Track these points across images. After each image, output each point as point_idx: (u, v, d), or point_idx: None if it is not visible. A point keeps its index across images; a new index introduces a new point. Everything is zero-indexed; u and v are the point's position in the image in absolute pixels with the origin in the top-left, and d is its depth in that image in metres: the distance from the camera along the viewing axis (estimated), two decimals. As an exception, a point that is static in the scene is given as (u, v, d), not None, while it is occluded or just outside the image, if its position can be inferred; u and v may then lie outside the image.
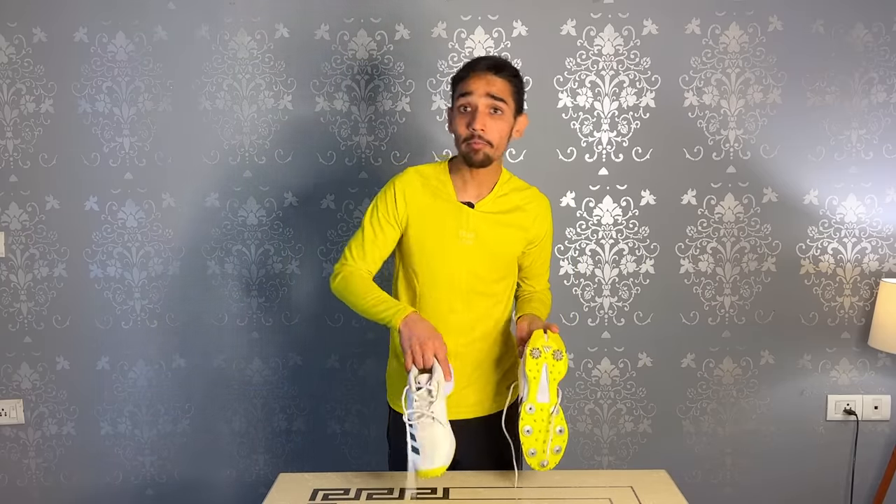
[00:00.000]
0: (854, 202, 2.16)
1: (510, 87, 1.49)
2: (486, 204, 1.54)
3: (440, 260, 1.53)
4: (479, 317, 1.56)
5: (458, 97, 1.50)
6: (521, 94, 1.53)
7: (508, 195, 1.56)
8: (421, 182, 1.56)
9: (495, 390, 1.60)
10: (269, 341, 2.26)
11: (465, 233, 1.52)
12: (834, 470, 2.26)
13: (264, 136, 2.18)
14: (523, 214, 1.57)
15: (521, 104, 1.54)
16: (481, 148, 1.46)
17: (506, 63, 1.51)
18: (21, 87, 2.17)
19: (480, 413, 1.58)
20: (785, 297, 2.20)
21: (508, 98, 1.48)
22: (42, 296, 2.24)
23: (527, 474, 1.54)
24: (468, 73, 1.48)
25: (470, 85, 1.47)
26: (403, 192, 1.54)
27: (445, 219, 1.53)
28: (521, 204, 1.57)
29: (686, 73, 2.13)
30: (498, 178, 1.57)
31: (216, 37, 2.14)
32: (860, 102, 2.13)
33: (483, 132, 1.45)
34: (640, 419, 2.26)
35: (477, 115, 1.45)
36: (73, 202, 2.21)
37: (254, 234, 2.22)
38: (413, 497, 1.39)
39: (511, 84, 1.49)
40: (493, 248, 1.54)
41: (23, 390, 2.28)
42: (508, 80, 1.49)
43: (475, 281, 1.54)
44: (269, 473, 2.29)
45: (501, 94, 1.46)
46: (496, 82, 1.46)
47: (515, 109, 1.51)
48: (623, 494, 1.40)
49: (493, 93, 1.46)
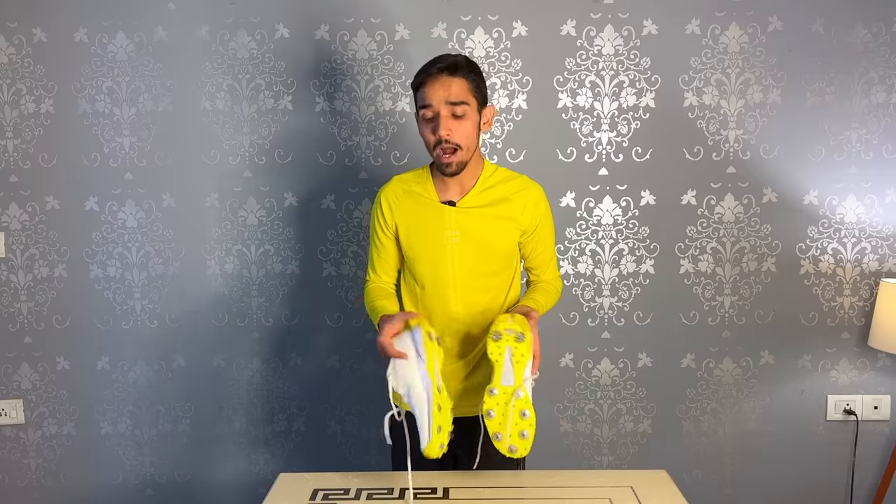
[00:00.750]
0: (854, 202, 2.16)
1: (468, 85, 1.48)
2: (468, 200, 1.55)
3: (430, 261, 1.56)
4: (479, 312, 1.56)
5: (419, 107, 1.50)
6: (481, 88, 1.52)
7: (494, 188, 1.56)
8: (403, 189, 1.59)
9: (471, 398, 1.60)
10: (269, 341, 2.26)
11: (450, 232, 1.53)
12: (834, 470, 2.26)
13: (264, 136, 2.18)
14: (511, 205, 1.56)
15: (484, 97, 1.53)
16: (452, 159, 1.47)
17: (458, 62, 1.48)
18: (21, 87, 2.17)
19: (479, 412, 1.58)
20: (785, 297, 2.20)
21: (468, 97, 1.47)
22: (42, 296, 2.24)
23: (527, 474, 1.54)
24: (425, 79, 1.47)
25: (427, 93, 1.47)
26: (388, 202, 1.60)
27: (430, 221, 1.55)
28: (508, 194, 1.56)
29: (686, 74, 2.13)
30: (480, 173, 1.57)
31: (216, 37, 2.14)
32: (860, 102, 2.13)
33: (449, 136, 1.46)
34: (640, 419, 2.26)
35: (440, 120, 1.46)
36: (73, 202, 2.21)
37: (254, 234, 2.22)
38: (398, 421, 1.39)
39: (468, 81, 1.48)
40: (482, 242, 1.54)
41: (23, 390, 2.28)
42: (465, 78, 1.48)
43: (468, 277, 1.55)
44: (269, 473, 2.29)
45: (460, 97, 1.46)
46: (452, 84, 1.46)
47: (479, 104, 1.51)
48: (623, 494, 1.40)
49: (451, 99, 1.45)
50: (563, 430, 2.27)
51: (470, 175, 1.55)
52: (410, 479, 1.40)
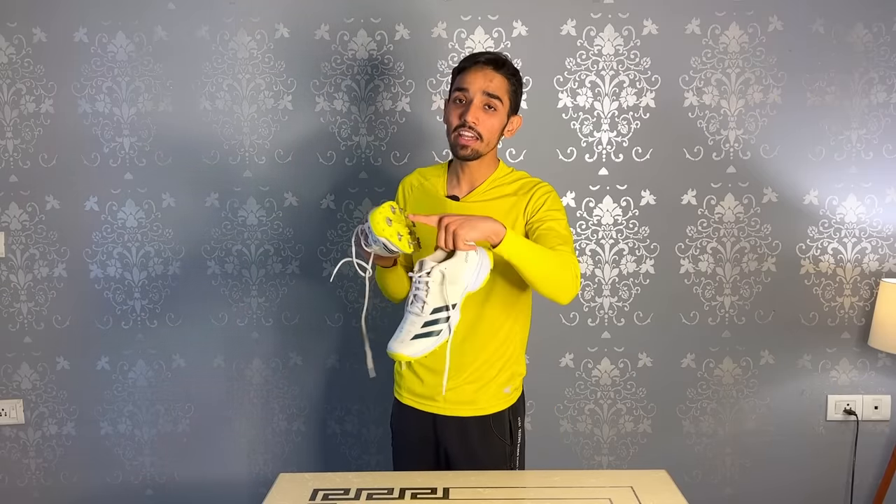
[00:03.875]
0: (854, 202, 2.16)
1: (507, 85, 1.50)
2: (473, 196, 1.54)
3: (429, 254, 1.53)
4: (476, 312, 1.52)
5: (455, 89, 1.51)
6: (517, 93, 1.53)
7: (501, 187, 1.54)
8: (419, 181, 1.64)
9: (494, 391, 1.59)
10: (269, 341, 2.26)
11: None
12: (834, 470, 2.26)
13: (264, 136, 2.18)
14: (514, 199, 1.51)
15: (517, 104, 1.55)
16: (469, 142, 1.47)
17: (507, 61, 1.51)
18: (21, 87, 2.17)
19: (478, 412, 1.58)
20: (785, 297, 2.20)
21: (504, 95, 1.49)
22: (42, 296, 2.24)
23: (527, 474, 1.54)
24: (469, 65, 1.49)
25: (468, 77, 1.48)
26: (404, 191, 1.67)
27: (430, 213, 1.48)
28: (514, 191, 1.53)
29: (686, 73, 2.13)
30: (492, 173, 1.56)
31: (216, 37, 2.14)
32: (860, 102, 2.12)
33: (475, 123, 1.46)
34: (640, 419, 2.26)
35: (471, 107, 1.46)
36: (73, 202, 2.21)
37: (254, 234, 2.22)
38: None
39: (509, 82, 1.50)
40: None
41: (23, 390, 2.28)
42: (507, 77, 1.50)
43: None
44: (269, 473, 2.29)
45: (497, 91, 1.48)
46: (494, 78, 1.48)
47: (510, 108, 1.52)
48: (623, 494, 1.40)
49: (489, 90, 1.47)
50: (563, 430, 2.27)
51: (482, 173, 1.55)
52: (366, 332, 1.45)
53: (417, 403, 1.61)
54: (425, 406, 1.60)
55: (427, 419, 1.60)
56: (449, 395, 1.54)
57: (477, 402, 1.57)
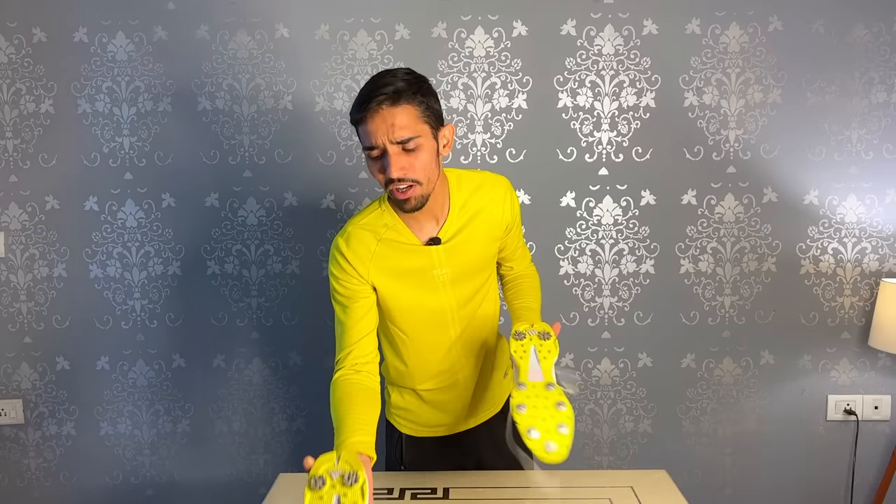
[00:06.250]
0: (854, 202, 2.16)
1: (416, 112, 1.22)
2: (450, 227, 1.37)
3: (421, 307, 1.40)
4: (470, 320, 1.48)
5: (363, 147, 1.26)
6: (433, 108, 1.26)
7: (467, 204, 1.38)
8: (372, 236, 1.35)
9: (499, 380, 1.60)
10: (269, 341, 2.26)
11: (439, 270, 1.37)
12: (834, 470, 2.26)
13: (264, 136, 2.18)
14: (488, 212, 1.40)
15: (439, 116, 1.28)
16: (410, 194, 1.25)
17: (399, 87, 1.21)
18: (21, 87, 2.17)
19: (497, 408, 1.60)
20: (785, 297, 2.20)
21: (418, 126, 1.23)
22: (42, 296, 2.24)
23: (527, 474, 1.54)
24: (363, 114, 1.22)
25: (368, 130, 1.22)
26: (359, 259, 1.34)
27: (417, 268, 1.36)
28: (482, 204, 1.39)
29: (686, 73, 2.13)
30: (449, 195, 1.37)
31: (216, 37, 2.14)
32: (860, 102, 2.12)
33: (404, 175, 1.23)
34: (640, 419, 2.26)
35: (389, 161, 1.22)
36: (73, 202, 2.21)
37: (254, 234, 2.22)
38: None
39: (416, 106, 1.23)
40: (469, 262, 1.41)
41: (23, 390, 2.28)
42: (410, 103, 1.22)
43: (460, 300, 1.43)
44: (269, 473, 2.29)
45: (407, 132, 1.21)
46: (396, 116, 1.20)
47: (433, 129, 1.26)
48: (623, 494, 1.40)
49: (397, 137, 1.21)
50: (563, 430, 2.27)
51: (440, 202, 1.35)
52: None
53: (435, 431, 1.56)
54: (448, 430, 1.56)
55: (452, 440, 1.57)
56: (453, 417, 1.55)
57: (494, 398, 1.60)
